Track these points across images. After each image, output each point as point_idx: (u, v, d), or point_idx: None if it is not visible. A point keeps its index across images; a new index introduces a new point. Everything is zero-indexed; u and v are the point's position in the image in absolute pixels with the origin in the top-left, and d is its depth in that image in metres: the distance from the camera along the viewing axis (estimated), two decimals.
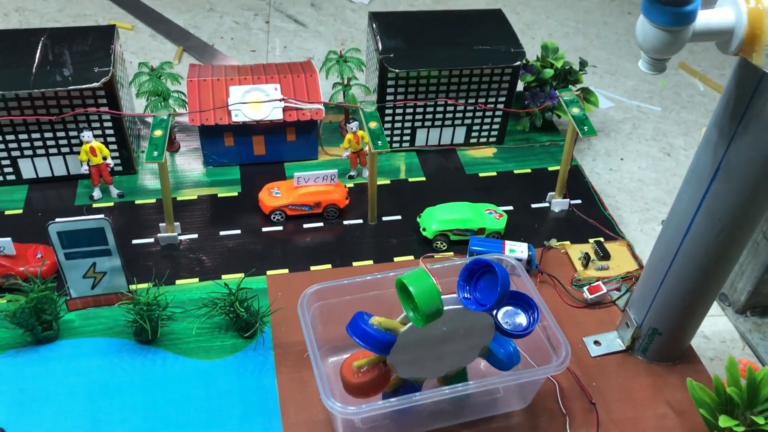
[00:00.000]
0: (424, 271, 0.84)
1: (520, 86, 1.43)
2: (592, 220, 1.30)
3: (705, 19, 0.71)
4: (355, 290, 0.99)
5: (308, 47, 1.80)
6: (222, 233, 1.24)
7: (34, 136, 1.23)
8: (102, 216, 1.00)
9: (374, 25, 1.36)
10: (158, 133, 1.09)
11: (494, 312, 0.91)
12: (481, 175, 1.40)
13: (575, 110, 1.21)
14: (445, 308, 0.85)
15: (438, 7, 1.99)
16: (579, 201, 1.35)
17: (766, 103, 0.76)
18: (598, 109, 1.65)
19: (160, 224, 1.20)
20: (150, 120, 1.18)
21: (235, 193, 1.31)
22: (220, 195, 1.31)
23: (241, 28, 1.85)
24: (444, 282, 1.00)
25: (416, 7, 1.99)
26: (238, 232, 1.24)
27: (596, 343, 1.10)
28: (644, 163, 1.55)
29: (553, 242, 1.25)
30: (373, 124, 1.17)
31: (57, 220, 0.99)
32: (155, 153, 1.06)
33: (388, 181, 1.37)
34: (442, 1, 2.03)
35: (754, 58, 0.72)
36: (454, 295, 0.89)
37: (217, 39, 1.81)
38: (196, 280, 1.15)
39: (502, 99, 1.38)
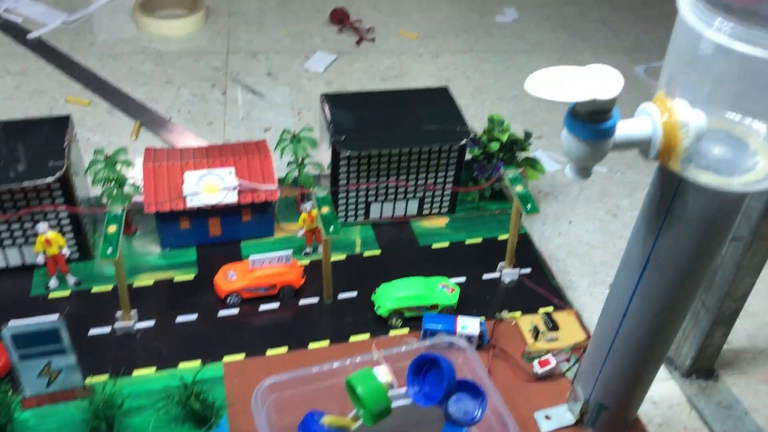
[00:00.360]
0: (371, 372, 0.86)
1: (469, 155, 1.48)
2: (542, 289, 1.35)
3: (624, 130, 0.76)
4: (309, 381, 1.01)
5: (265, 117, 1.84)
6: (179, 319, 1.25)
7: None
8: (56, 317, 1.01)
9: (326, 108, 1.40)
10: (112, 228, 1.11)
11: (443, 403, 0.94)
12: (434, 246, 1.44)
13: (519, 188, 1.26)
14: (394, 405, 0.87)
15: (389, 79, 2.05)
16: (528, 270, 1.39)
17: (686, 204, 0.81)
18: (547, 172, 1.70)
19: (117, 313, 1.21)
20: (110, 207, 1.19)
21: (192, 276, 1.33)
22: (176, 279, 1.32)
23: (198, 101, 1.88)
24: (398, 368, 1.03)
25: (369, 73, 2.05)
26: (195, 317, 1.25)
27: (547, 417, 1.13)
28: (591, 225, 1.60)
29: (504, 314, 1.29)
30: (325, 210, 1.20)
31: (10, 324, 1.00)
32: (109, 250, 1.08)
33: (343, 257, 1.40)
34: (394, 68, 2.09)
35: (672, 165, 0.77)
36: (404, 389, 0.92)
37: (175, 112, 1.83)
38: (153, 369, 1.16)
39: (451, 173, 1.42)
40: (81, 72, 1.95)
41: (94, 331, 1.21)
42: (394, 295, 1.24)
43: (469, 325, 1.20)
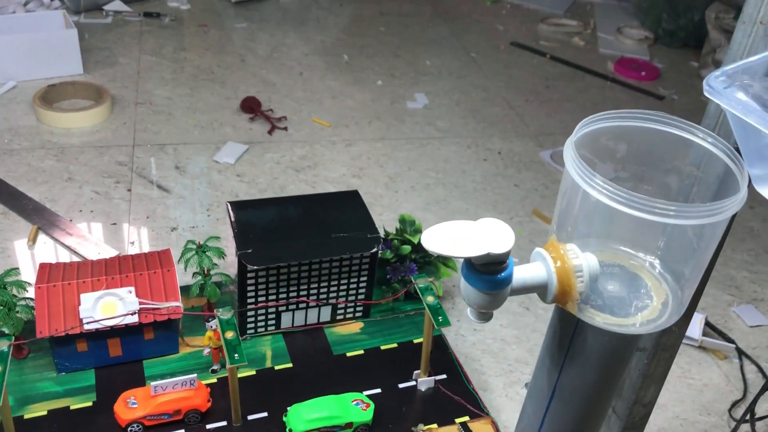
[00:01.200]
0: None
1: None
2: (458, 397, 1.33)
3: (521, 276, 0.77)
4: None
5: (172, 215, 1.79)
6: None
7: None
8: None
9: (232, 217, 1.37)
10: None
11: None
12: (348, 354, 1.41)
13: (430, 299, 1.25)
14: None
15: (302, 169, 2.04)
16: (444, 375, 1.38)
17: (584, 341, 0.82)
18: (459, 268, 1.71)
19: None
20: None
21: (90, 403, 1.25)
22: (72, 407, 1.24)
23: (101, 199, 1.81)
24: None
25: (282, 163, 2.03)
26: None
27: None
28: (505, 319, 1.61)
29: (420, 428, 1.26)
30: (229, 335, 1.15)
31: None
32: None
33: (253, 372, 1.35)
34: (307, 157, 2.08)
35: (569, 308, 0.78)
36: None
37: (76, 213, 1.75)
38: None
39: (364, 279, 1.41)
40: None
41: None
42: (306, 416, 1.20)
43: None
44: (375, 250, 1.37)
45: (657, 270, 0.80)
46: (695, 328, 1.58)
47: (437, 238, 0.72)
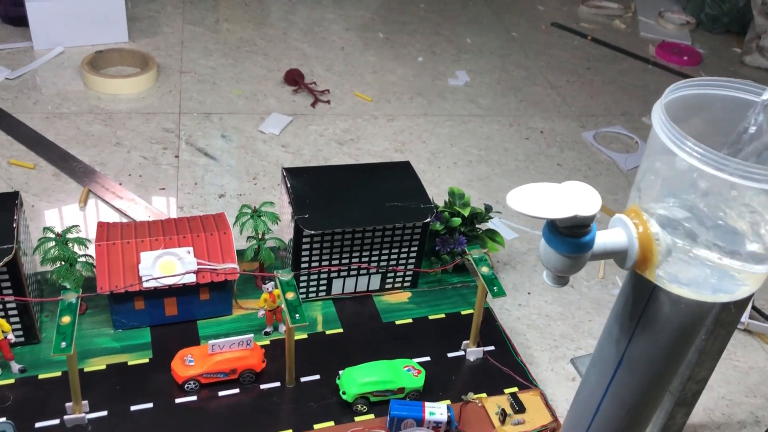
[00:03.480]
0: None
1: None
2: (506, 368, 1.34)
3: (601, 241, 0.77)
4: None
5: (219, 182, 1.80)
6: (133, 408, 1.19)
7: None
8: (4, 419, 0.94)
9: (288, 183, 1.38)
10: (66, 319, 1.05)
11: None
12: (397, 322, 1.42)
13: (484, 270, 1.26)
14: None
15: (345, 142, 2.05)
16: (492, 347, 1.39)
17: (659, 309, 0.82)
18: (506, 242, 1.72)
19: (67, 405, 1.14)
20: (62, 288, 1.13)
21: (146, 360, 1.27)
22: (130, 363, 1.26)
23: (149, 164, 1.83)
24: None
25: (325, 135, 2.04)
26: (150, 405, 1.20)
27: None
28: (550, 296, 1.62)
29: (470, 396, 1.27)
30: (290, 295, 1.17)
31: None
32: (63, 344, 1.02)
33: (305, 336, 1.36)
34: (350, 131, 2.08)
35: (647, 275, 0.78)
36: None
37: (125, 177, 1.78)
38: None
39: (414, 249, 1.42)
40: (25, 132, 1.88)
41: (41, 424, 1.14)
42: (359, 380, 1.22)
43: (437, 411, 1.18)
44: (428, 220, 1.37)
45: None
46: None
47: (524, 199, 0.72)
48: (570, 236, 0.74)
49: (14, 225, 1.19)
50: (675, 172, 0.73)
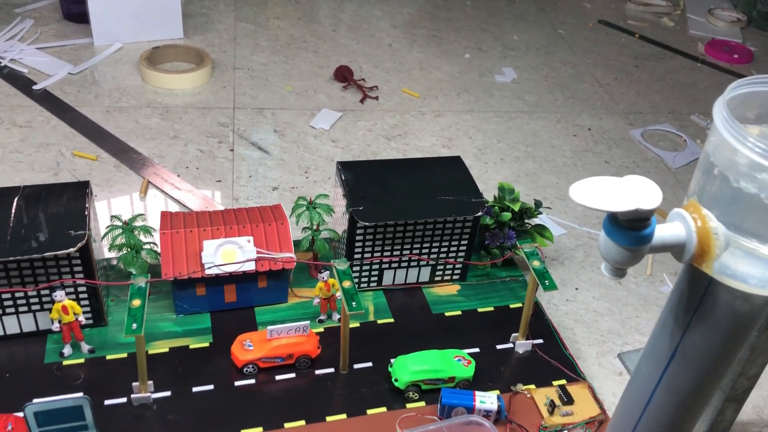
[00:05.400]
0: None
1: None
2: (554, 361, 1.36)
3: (660, 234, 0.79)
4: None
5: (273, 176, 1.85)
6: (194, 389, 1.24)
7: (5, 296, 1.22)
8: (80, 394, 1.00)
9: (342, 177, 1.42)
10: (136, 303, 1.11)
11: None
12: (446, 314, 1.45)
13: (536, 263, 1.28)
14: None
15: (393, 137, 2.08)
16: (541, 340, 1.41)
17: (715, 303, 0.84)
18: (555, 237, 1.73)
19: (134, 384, 1.20)
20: (130, 279, 1.19)
21: (207, 344, 1.33)
22: (191, 346, 1.32)
23: (206, 157, 1.89)
24: None
25: (374, 131, 2.08)
26: (211, 387, 1.25)
27: None
28: (598, 292, 1.63)
29: (519, 387, 1.30)
30: (347, 284, 1.21)
31: (35, 401, 0.99)
32: (134, 326, 1.08)
33: (357, 324, 1.40)
34: (398, 126, 2.12)
35: (705, 268, 0.80)
36: None
37: (183, 169, 1.84)
38: None
39: (465, 243, 1.45)
40: (87, 125, 1.96)
41: (109, 401, 1.20)
42: (411, 368, 1.25)
43: (488, 400, 1.21)
44: (479, 213, 1.40)
45: None
46: None
47: (586, 192, 0.75)
48: (631, 229, 0.76)
49: (86, 213, 1.26)
50: (738, 169, 0.74)
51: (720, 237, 0.77)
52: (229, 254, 1.31)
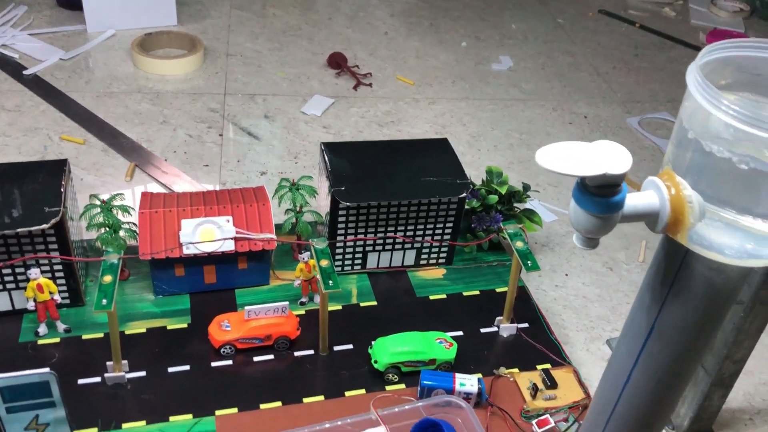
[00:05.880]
0: None
1: (467, 206, 1.48)
2: (540, 345, 1.34)
3: (632, 203, 0.76)
4: None
5: (262, 160, 1.83)
6: (171, 369, 1.22)
7: None
8: (47, 370, 0.99)
9: (326, 157, 1.40)
10: (108, 279, 1.09)
11: None
12: (431, 297, 1.43)
13: (519, 244, 1.25)
14: None
15: (385, 124, 2.06)
16: (526, 324, 1.38)
17: (692, 275, 0.81)
18: (544, 223, 1.70)
19: (108, 363, 1.18)
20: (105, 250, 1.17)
21: (185, 325, 1.31)
22: (169, 327, 1.30)
23: (194, 142, 1.87)
24: (395, 428, 1.01)
25: (366, 117, 2.05)
26: (187, 368, 1.23)
27: None
28: (588, 278, 1.60)
29: (502, 370, 1.27)
30: (324, 263, 1.19)
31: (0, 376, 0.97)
32: (104, 301, 1.06)
33: (339, 307, 1.38)
34: (391, 113, 2.10)
35: (679, 238, 0.77)
36: None
37: (170, 153, 1.82)
38: (144, 423, 1.13)
39: (450, 225, 1.42)
40: (77, 110, 1.95)
41: (83, 381, 1.19)
42: (391, 349, 1.23)
43: (468, 382, 1.18)
44: (463, 195, 1.37)
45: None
46: None
47: (552, 156, 0.72)
48: (600, 196, 0.74)
49: (62, 190, 1.24)
50: (711, 134, 0.72)
51: (695, 205, 0.75)
52: (207, 233, 1.29)
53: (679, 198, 0.75)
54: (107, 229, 1.31)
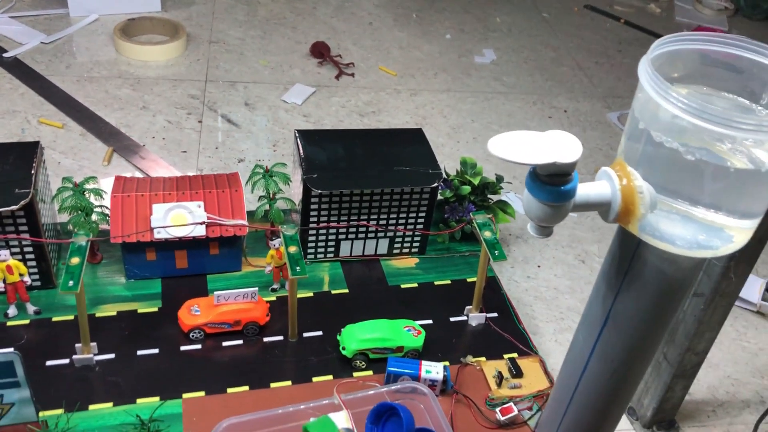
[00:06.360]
0: (329, 420, 0.86)
1: (440, 196, 1.49)
2: (507, 335, 1.35)
3: (584, 192, 0.78)
4: (269, 424, 1.00)
5: (240, 148, 1.84)
6: (140, 352, 1.23)
7: None
8: (11, 350, 0.99)
9: (299, 144, 1.40)
10: (75, 260, 1.10)
11: None
12: (402, 286, 1.44)
13: (487, 234, 1.27)
14: None
15: (366, 114, 2.06)
16: (495, 314, 1.40)
17: (644, 265, 0.82)
18: (517, 215, 1.72)
19: (76, 345, 1.19)
20: (73, 236, 1.18)
21: (156, 309, 1.32)
22: (140, 310, 1.31)
23: (173, 128, 1.87)
24: (358, 412, 1.02)
25: (347, 107, 2.06)
26: (156, 351, 1.24)
27: None
28: (560, 270, 1.62)
29: (469, 359, 1.29)
30: (292, 249, 1.20)
31: None
32: (71, 283, 1.07)
33: (310, 294, 1.39)
34: (372, 103, 2.10)
35: (630, 228, 0.78)
36: None
37: (149, 139, 1.83)
38: (111, 404, 1.14)
39: (422, 215, 1.43)
40: (56, 94, 1.94)
41: (51, 362, 1.19)
42: (359, 336, 1.24)
43: (434, 369, 1.20)
44: (435, 184, 1.38)
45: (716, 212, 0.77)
46: (754, 293, 1.55)
47: (504, 144, 0.73)
48: (551, 184, 0.75)
49: (32, 171, 1.24)
50: (661, 125, 0.73)
51: (645, 196, 0.76)
52: (179, 218, 1.30)
53: (630, 188, 0.77)
54: (79, 212, 1.31)
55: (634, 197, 0.76)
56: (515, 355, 1.31)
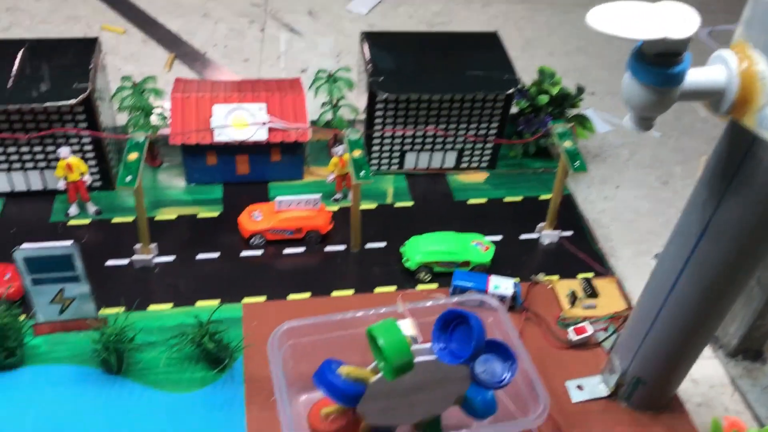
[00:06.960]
0: (395, 323, 0.80)
1: (515, 108, 1.39)
2: (582, 254, 1.27)
3: (695, 78, 0.68)
4: (329, 329, 0.96)
5: (303, 58, 1.76)
6: (199, 256, 1.20)
7: (10, 150, 1.20)
8: (70, 242, 0.97)
9: (366, 46, 1.32)
10: (133, 156, 1.06)
11: (470, 363, 0.88)
12: (470, 201, 1.36)
13: (567, 144, 1.17)
14: (417, 360, 0.82)
15: (435, 25, 1.95)
16: (570, 233, 1.31)
17: (757, 166, 0.72)
18: (596, 133, 1.60)
19: (135, 246, 1.17)
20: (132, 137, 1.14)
21: (216, 214, 1.28)
22: (200, 215, 1.28)
23: (235, 36, 1.81)
24: (423, 323, 0.97)
25: (415, 17, 1.95)
26: (217, 255, 1.21)
27: (579, 387, 1.06)
28: (640, 192, 1.51)
29: (541, 277, 1.21)
30: (357, 153, 1.13)
31: (23, 246, 0.96)
32: (128, 178, 1.03)
33: (374, 206, 1.33)
34: (442, 14, 1.98)
35: (746, 121, 0.68)
36: (428, 345, 0.86)
37: (210, 47, 1.77)
38: (170, 305, 1.12)
39: (495, 125, 1.34)
40: (118, 0, 1.90)
41: (111, 262, 1.18)
42: (424, 248, 1.18)
43: (502, 285, 1.13)
44: (511, 91, 1.29)
45: None
46: None
47: (607, 16, 0.64)
48: (659, 65, 0.65)
49: (91, 67, 1.20)
50: None
51: None
52: (240, 120, 1.24)
53: (751, 73, 0.66)
54: (138, 112, 1.27)
55: (755, 83, 0.66)
56: (591, 275, 1.23)
